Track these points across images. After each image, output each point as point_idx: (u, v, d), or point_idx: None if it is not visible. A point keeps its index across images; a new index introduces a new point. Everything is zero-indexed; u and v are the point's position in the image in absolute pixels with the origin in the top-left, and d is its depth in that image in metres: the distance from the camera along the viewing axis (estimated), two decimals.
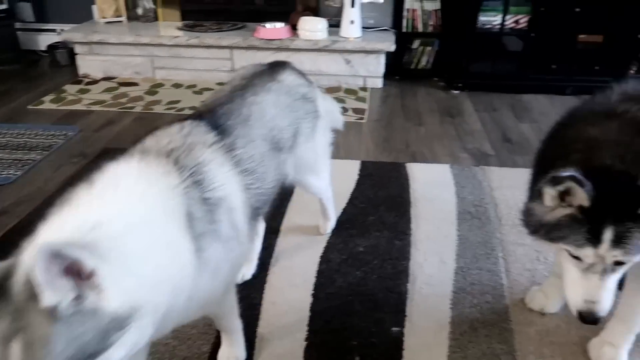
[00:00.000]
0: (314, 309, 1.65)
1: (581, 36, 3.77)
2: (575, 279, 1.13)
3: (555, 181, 1.04)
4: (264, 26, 3.79)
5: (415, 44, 4.09)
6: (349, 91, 3.74)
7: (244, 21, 4.16)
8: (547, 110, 3.42)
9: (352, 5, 3.69)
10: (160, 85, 3.86)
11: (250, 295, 1.70)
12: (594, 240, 1.05)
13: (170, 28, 4.10)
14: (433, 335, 1.53)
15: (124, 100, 3.56)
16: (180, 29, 4.06)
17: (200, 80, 3.92)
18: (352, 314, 1.62)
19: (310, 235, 2.02)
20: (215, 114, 1.25)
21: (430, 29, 4.03)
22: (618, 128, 1.12)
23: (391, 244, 1.96)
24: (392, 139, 2.98)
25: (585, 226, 1.05)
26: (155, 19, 4.33)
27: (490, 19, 3.70)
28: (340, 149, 2.81)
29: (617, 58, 3.65)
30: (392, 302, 1.67)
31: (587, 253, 1.07)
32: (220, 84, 3.86)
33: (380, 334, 1.54)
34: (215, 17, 4.22)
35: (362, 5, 3.79)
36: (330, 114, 1.86)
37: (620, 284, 1.28)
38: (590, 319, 1.13)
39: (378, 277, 1.78)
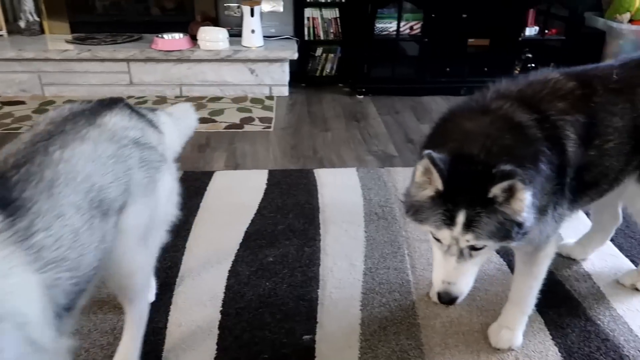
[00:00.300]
0: (223, 325, 1.59)
1: (470, 40, 4.02)
2: (438, 260, 1.20)
3: (421, 158, 1.11)
4: (162, 37, 3.66)
5: (318, 51, 4.15)
6: (255, 100, 3.70)
7: (140, 32, 3.99)
8: (444, 110, 3.60)
9: (252, 15, 3.67)
10: (51, 102, 3.59)
11: (153, 320, 1.60)
12: (449, 222, 1.10)
13: (58, 41, 3.83)
14: (344, 339, 1.53)
15: (8, 120, 3.27)
16: (70, 42, 3.81)
17: (97, 96, 3.61)
18: (263, 326, 1.58)
19: (218, 249, 1.96)
20: (3, 184, 0.92)
21: (331, 36, 4.11)
22: (489, 122, 1.20)
23: (301, 252, 1.94)
24: (299, 146, 2.98)
25: (442, 208, 1.10)
26: (41, 32, 4.03)
27: (387, 26, 3.85)
28: (247, 159, 2.77)
29: (503, 59, 3.93)
30: (303, 310, 1.65)
31: (444, 235, 1.13)
32: None
33: (291, 344, 1.51)
34: (108, 29, 4.00)
35: (263, 14, 3.78)
36: (181, 121, 1.68)
37: None
38: (446, 299, 1.19)
39: (288, 286, 1.76)
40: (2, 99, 3.64)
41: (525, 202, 1.08)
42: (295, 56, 3.72)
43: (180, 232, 2.06)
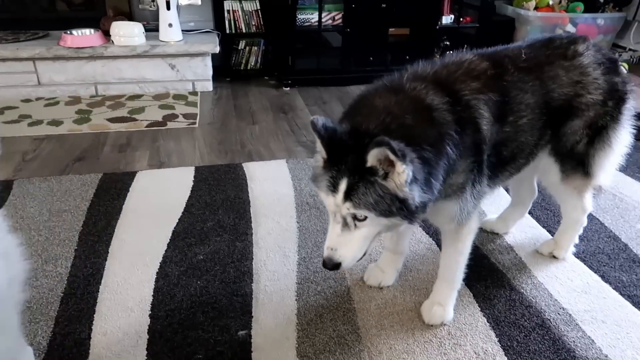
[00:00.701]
0: (152, 329, 1.51)
1: (391, 30, 4.11)
2: (328, 228, 1.24)
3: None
4: (71, 33, 3.43)
5: (241, 44, 4.06)
6: (178, 97, 3.57)
7: (46, 29, 3.71)
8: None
9: (168, 8, 3.52)
10: None
11: (76, 330, 1.50)
12: (333, 189, 1.15)
13: None
14: (281, 331, 1.50)
15: None
16: None
17: (1, 99, 3.40)
18: (196, 326, 1.52)
19: (143, 251, 1.86)
20: None
21: (253, 29, 4.04)
22: (396, 102, 1.23)
23: (232, 247, 1.89)
24: (226, 141, 2.90)
25: (328, 175, 1.15)
26: None
27: (309, 17, 3.83)
28: (172, 157, 2.66)
29: (423, 47, 4.05)
30: (237, 306, 1.60)
31: (328, 201, 1.18)
32: (26, 100, 3.41)
33: (226, 342, 1.46)
34: (8, 26, 3.69)
35: (180, 7, 3.65)
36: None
37: None
38: (328, 265, 1.22)
39: (221, 283, 1.70)
40: None
41: (403, 177, 1.10)
42: (217, 50, 3.63)
43: (101, 236, 1.95)
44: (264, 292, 1.67)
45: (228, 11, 3.96)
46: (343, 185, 1.13)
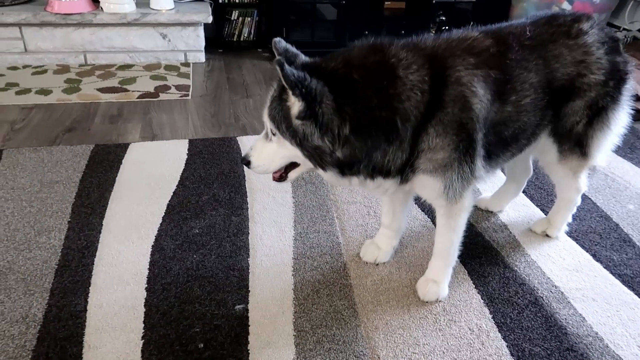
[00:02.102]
0: (149, 303, 1.51)
1: (387, 3, 4.04)
2: None
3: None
4: None
5: (234, 15, 3.97)
6: (170, 67, 3.50)
7: None
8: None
9: None
10: None
11: (71, 303, 1.49)
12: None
13: None
14: (278, 305, 1.51)
15: None
16: None
17: None
18: (192, 300, 1.52)
19: (138, 224, 1.84)
20: None
21: None
22: (366, 59, 1.26)
23: (228, 221, 1.88)
24: (220, 114, 2.86)
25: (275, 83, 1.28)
26: None
27: None
28: (165, 129, 2.62)
29: (418, 22, 3.99)
30: (234, 281, 1.60)
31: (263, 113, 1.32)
32: (12, 68, 3.31)
33: (223, 316, 1.47)
34: None
35: None
36: None
37: None
38: (243, 161, 1.39)
39: (217, 257, 1.70)
40: None
41: (294, 109, 1.19)
42: (210, 19, 3.54)
43: (95, 209, 1.93)
44: (261, 266, 1.67)
45: None
46: (270, 95, 1.28)
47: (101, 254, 1.70)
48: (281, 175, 1.40)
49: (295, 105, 1.18)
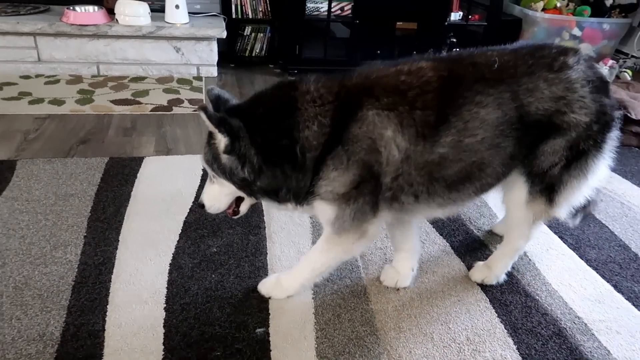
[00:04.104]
0: (168, 324, 1.48)
1: (398, 23, 4.08)
2: None
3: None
4: (74, 9, 3.33)
5: (247, 30, 4.00)
6: (183, 81, 3.50)
7: (47, 4, 3.60)
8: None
9: None
10: None
11: (89, 322, 1.46)
12: None
13: None
14: (299, 330, 1.49)
15: None
16: None
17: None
18: (212, 322, 1.49)
19: (155, 241, 1.82)
20: None
21: (260, 15, 3.98)
22: (277, 96, 1.38)
23: (246, 240, 1.86)
24: None
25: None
26: None
27: (318, 6, 3.78)
28: (179, 144, 2.61)
29: (430, 43, 4.02)
30: (254, 303, 1.58)
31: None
32: (25, 77, 3.31)
33: (244, 339, 1.44)
34: None
35: None
36: None
37: None
38: (199, 204, 1.49)
39: (236, 278, 1.68)
40: None
41: (221, 145, 1.30)
42: (224, 34, 3.56)
43: (111, 223, 1.91)
44: None
45: None
46: (204, 145, 1.39)
47: (118, 271, 1.68)
48: (234, 211, 1.51)
49: (222, 142, 1.30)
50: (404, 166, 1.32)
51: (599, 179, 1.52)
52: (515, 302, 1.65)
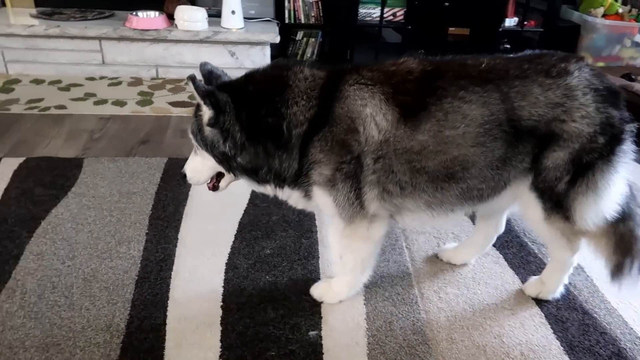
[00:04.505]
0: (225, 322, 1.53)
1: (451, 29, 4.04)
2: None
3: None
4: (137, 15, 3.48)
5: (299, 35, 4.06)
6: None
7: (111, 9, 3.79)
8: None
9: None
10: (16, 81, 3.37)
11: (152, 315, 1.54)
12: None
13: (22, 16, 3.60)
14: (351, 335, 1.51)
15: None
16: (35, 17, 3.58)
17: (66, 76, 3.49)
18: (267, 322, 1.54)
19: (211, 240, 1.89)
20: None
21: (312, 20, 4.04)
22: (269, 77, 1.42)
23: (298, 244, 1.91)
24: None
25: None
26: (3, 4, 3.77)
27: (370, 12, 3.80)
28: None
29: (482, 49, 3.95)
30: (307, 305, 1.61)
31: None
32: (90, 78, 3.49)
33: (298, 341, 1.48)
34: (75, 3, 3.79)
35: None
36: None
37: None
38: (181, 173, 1.54)
39: (289, 280, 1.72)
40: None
41: (205, 116, 1.35)
42: (277, 39, 3.63)
43: (170, 222, 1.99)
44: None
45: (289, 1, 3.96)
46: (193, 113, 1.43)
47: (178, 268, 1.75)
48: (214, 185, 1.55)
49: (206, 114, 1.34)
50: (384, 148, 1.32)
51: (616, 193, 1.42)
52: (572, 318, 1.61)
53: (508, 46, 4.09)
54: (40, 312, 1.52)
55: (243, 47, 3.62)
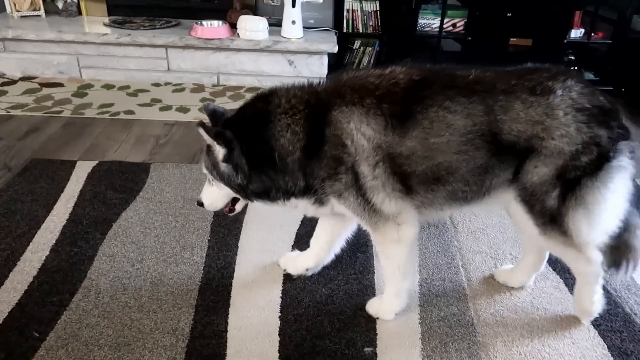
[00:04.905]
0: (283, 332, 1.59)
1: (512, 40, 3.95)
2: None
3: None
4: (202, 24, 3.62)
5: (356, 44, 4.10)
6: None
7: (177, 18, 3.96)
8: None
9: (293, 5, 3.61)
10: (89, 86, 3.59)
11: (214, 322, 1.61)
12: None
13: (96, 24, 3.82)
14: (406, 354, 1.52)
15: (48, 103, 3.27)
16: (108, 25, 3.79)
17: (134, 81, 3.68)
18: (323, 335, 1.58)
19: (270, 250, 1.95)
20: None
21: (370, 29, 4.06)
22: (256, 107, 1.52)
23: (354, 258, 1.94)
24: None
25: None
26: (79, 13, 4.01)
27: (429, 22, 3.78)
28: None
29: (545, 61, 3.84)
30: (362, 321, 1.64)
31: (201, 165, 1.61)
32: (156, 84, 3.66)
33: (353, 356, 1.51)
34: (145, 12, 3.98)
35: (302, 4, 3.73)
36: None
37: None
38: (198, 202, 1.69)
39: (345, 294, 1.75)
40: (41, 80, 3.64)
41: (219, 155, 1.47)
42: (336, 49, 3.67)
43: (231, 230, 2.07)
44: None
45: (348, 10, 4.01)
46: (204, 149, 1.55)
47: (238, 276, 1.82)
48: (230, 209, 1.68)
49: (220, 152, 1.46)
50: (379, 153, 1.39)
51: (611, 209, 1.42)
52: (637, 352, 1.56)
53: (572, 58, 3.95)
54: (112, 312, 1.63)
55: (301, 57, 3.69)
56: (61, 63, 3.70)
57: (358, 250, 1.98)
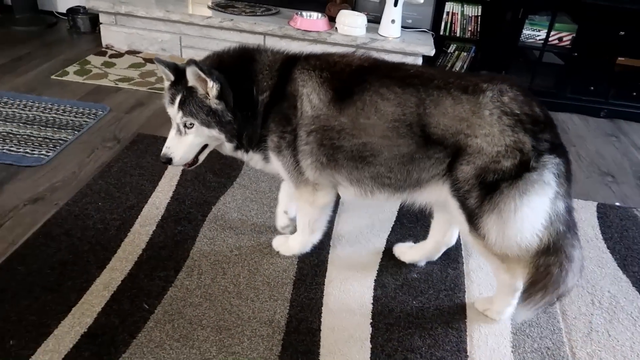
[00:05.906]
0: (374, 340, 1.61)
1: (620, 59, 3.73)
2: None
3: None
4: (301, 15, 3.66)
5: (451, 48, 4.01)
6: None
7: (277, 6, 4.02)
8: (583, 133, 3.39)
9: (395, 5, 3.57)
10: None
11: (307, 319, 1.66)
12: (172, 102, 1.58)
13: (200, 6, 3.95)
14: None
15: (152, 79, 3.44)
16: (211, 7, 3.91)
17: None
18: (414, 349, 1.59)
19: (361, 255, 1.98)
20: None
21: (467, 34, 3.95)
22: (238, 58, 1.65)
23: (445, 273, 1.93)
24: None
25: (170, 92, 1.59)
26: None
27: (534, 34, 3.63)
28: None
29: None
30: (453, 340, 1.64)
31: (169, 111, 1.62)
32: None
33: None
34: None
35: (403, 3, 3.68)
36: None
37: None
38: (163, 159, 1.64)
39: (435, 310, 1.75)
40: (145, 55, 3.83)
41: (213, 91, 1.52)
42: (432, 52, 3.62)
43: None
44: (478, 332, 1.68)
45: (447, 13, 3.92)
46: (177, 99, 1.56)
47: (330, 276, 1.86)
48: (193, 162, 1.69)
49: (214, 88, 1.52)
50: (316, 123, 1.55)
51: (526, 221, 1.41)
52: None
53: None
54: (213, 295, 1.71)
55: (396, 57, 3.66)
56: (165, 41, 3.87)
57: (449, 266, 1.96)
